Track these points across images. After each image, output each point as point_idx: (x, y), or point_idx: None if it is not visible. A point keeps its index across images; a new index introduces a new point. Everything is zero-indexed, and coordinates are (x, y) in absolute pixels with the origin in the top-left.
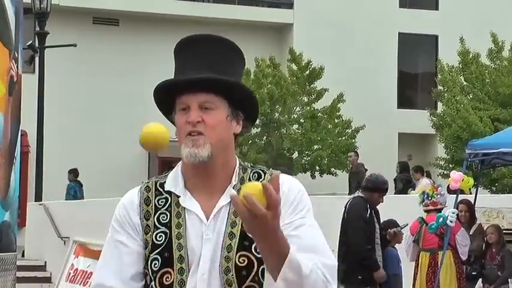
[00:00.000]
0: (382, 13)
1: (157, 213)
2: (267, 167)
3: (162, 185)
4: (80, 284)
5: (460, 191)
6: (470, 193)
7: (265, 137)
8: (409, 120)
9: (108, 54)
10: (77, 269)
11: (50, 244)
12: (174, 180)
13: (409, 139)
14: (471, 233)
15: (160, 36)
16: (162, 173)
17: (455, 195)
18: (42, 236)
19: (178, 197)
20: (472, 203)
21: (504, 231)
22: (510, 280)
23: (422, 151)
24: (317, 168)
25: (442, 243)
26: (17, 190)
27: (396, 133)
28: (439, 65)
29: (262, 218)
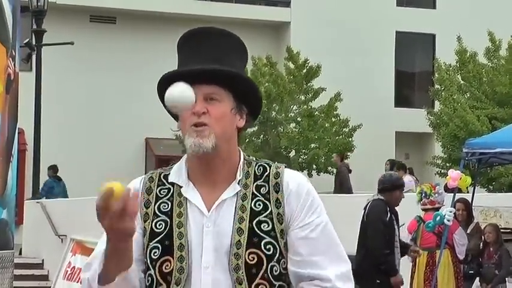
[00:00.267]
0: (380, 12)
1: (158, 202)
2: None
3: (166, 177)
4: (77, 281)
5: (457, 190)
6: (468, 192)
7: (262, 136)
8: (406, 119)
9: (106, 52)
10: (74, 267)
11: (47, 242)
12: (178, 172)
13: (407, 138)
14: (468, 231)
15: (158, 34)
16: (169, 166)
17: (453, 194)
18: (39, 234)
19: (181, 187)
20: (470, 201)
21: (501, 230)
22: (507, 279)
23: (420, 150)
24: (314, 167)
25: (440, 242)
26: (14, 188)
27: (393, 132)
28: (437, 63)
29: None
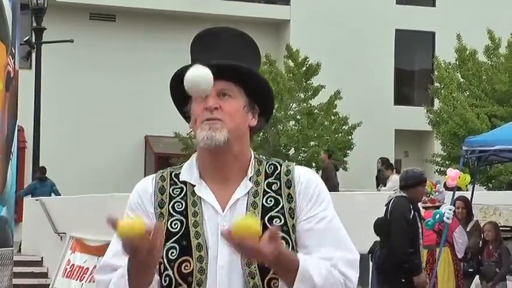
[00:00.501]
0: (379, 10)
1: (172, 202)
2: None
3: (177, 176)
4: (76, 279)
5: (457, 188)
6: (467, 190)
7: (261, 133)
8: (406, 117)
9: (105, 50)
10: (73, 265)
11: (46, 240)
12: (189, 170)
13: (406, 136)
14: (468, 229)
15: (157, 32)
16: (178, 165)
17: (452, 192)
18: (38, 231)
19: (194, 186)
20: (469, 199)
21: (501, 228)
22: (507, 277)
23: (419, 148)
24: (313, 164)
25: (440, 240)
26: (13, 186)
27: (393, 130)
28: (436, 61)
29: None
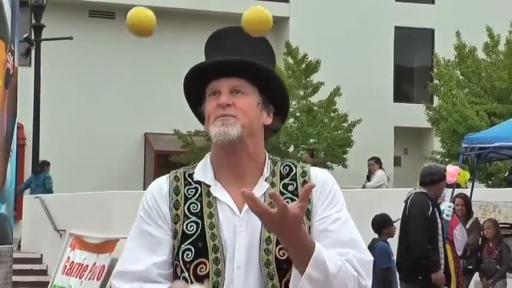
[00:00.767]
0: (378, 7)
1: (187, 203)
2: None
3: (190, 176)
4: (76, 276)
5: (456, 185)
6: (466, 187)
7: None
8: (405, 114)
9: (104, 48)
10: (73, 262)
11: (46, 237)
12: (203, 170)
13: (405, 133)
14: (467, 227)
15: (157, 30)
16: (191, 165)
17: (452, 189)
18: (38, 228)
19: (209, 186)
20: (469, 197)
21: (500, 225)
22: (507, 274)
23: (419, 145)
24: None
25: None
26: (13, 183)
27: (392, 127)
28: (435, 59)
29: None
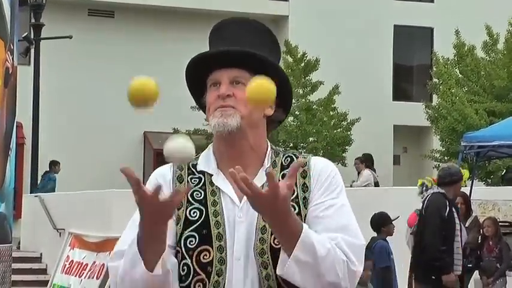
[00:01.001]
0: (378, 5)
1: (190, 190)
2: None
3: (194, 166)
4: (75, 275)
5: None
6: (466, 185)
7: None
8: (404, 112)
9: (104, 46)
10: (72, 261)
11: (45, 236)
12: (206, 161)
13: (404, 131)
14: (467, 225)
15: (156, 29)
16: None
17: None
18: (37, 227)
19: (211, 175)
20: (468, 195)
21: (499, 224)
22: (507, 272)
23: (418, 143)
24: None
25: None
26: (12, 182)
27: (391, 125)
28: (434, 57)
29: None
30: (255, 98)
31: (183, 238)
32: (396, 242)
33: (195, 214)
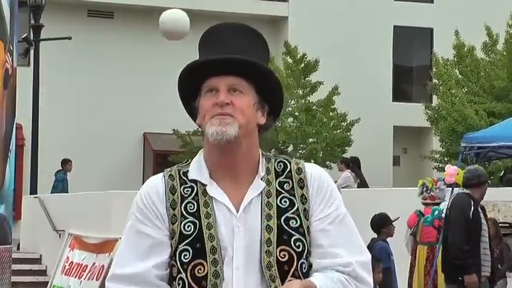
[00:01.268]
0: (378, 6)
1: (183, 203)
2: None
3: (185, 174)
4: (75, 276)
5: (455, 185)
6: None
7: None
8: (404, 113)
9: (103, 47)
10: (72, 262)
11: (45, 237)
12: (198, 169)
13: (404, 132)
14: None
15: (155, 29)
16: (184, 162)
17: (451, 189)
18: (37, 229)
19: (205, 185)
20: None
21: (500, 225)
22: (507, 273)
23: (418, 144)
24: (312, 161)
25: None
26: (12, 183)
27: (391, 126)
28: (434, 58)
29: None
30: None
31: (177, 252)
32: (396, 243)
33: (189, 228)
